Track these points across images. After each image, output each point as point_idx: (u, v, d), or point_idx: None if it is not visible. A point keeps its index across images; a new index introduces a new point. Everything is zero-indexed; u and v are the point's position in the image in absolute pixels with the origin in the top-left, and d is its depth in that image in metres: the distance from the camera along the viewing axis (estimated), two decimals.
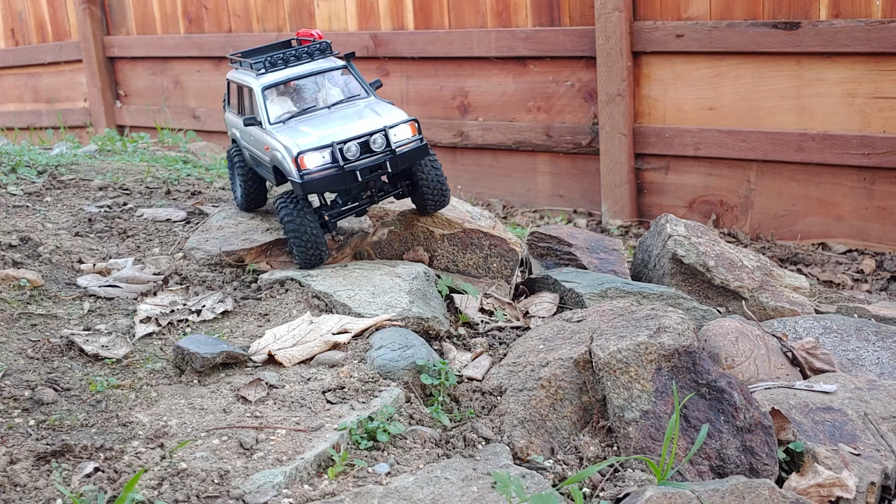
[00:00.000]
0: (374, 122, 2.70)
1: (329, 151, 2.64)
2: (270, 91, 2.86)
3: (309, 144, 2.65)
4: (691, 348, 2.24)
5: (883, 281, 4.20)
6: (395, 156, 2.69)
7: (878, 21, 4.18)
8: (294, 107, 2.86)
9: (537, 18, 5.22)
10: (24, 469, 1.89)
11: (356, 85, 2.94)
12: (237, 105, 3.13)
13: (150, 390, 2.29)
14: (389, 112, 2.75)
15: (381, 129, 2.68)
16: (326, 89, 2.92)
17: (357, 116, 2.76)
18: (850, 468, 2.13)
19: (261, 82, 2.86)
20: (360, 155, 2.66)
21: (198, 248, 3.06)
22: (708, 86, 4.74)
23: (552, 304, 2.91)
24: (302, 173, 2.63)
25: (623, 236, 4.87)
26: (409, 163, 2.75)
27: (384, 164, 2.69)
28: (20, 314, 2.57)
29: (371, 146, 2.67)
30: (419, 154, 2.76)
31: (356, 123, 2.70)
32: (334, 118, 2.79)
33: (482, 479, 1.97)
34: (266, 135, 2.79)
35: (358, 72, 2.96)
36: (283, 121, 2.80)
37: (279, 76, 2.89)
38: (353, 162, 2.65)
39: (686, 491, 1.87)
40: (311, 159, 2.63)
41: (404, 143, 2.72)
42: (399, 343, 2.43)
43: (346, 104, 2.88)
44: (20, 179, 3.87)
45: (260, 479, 1.90)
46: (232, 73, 3.19)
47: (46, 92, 7.87)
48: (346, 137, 2.66)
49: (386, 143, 2.68)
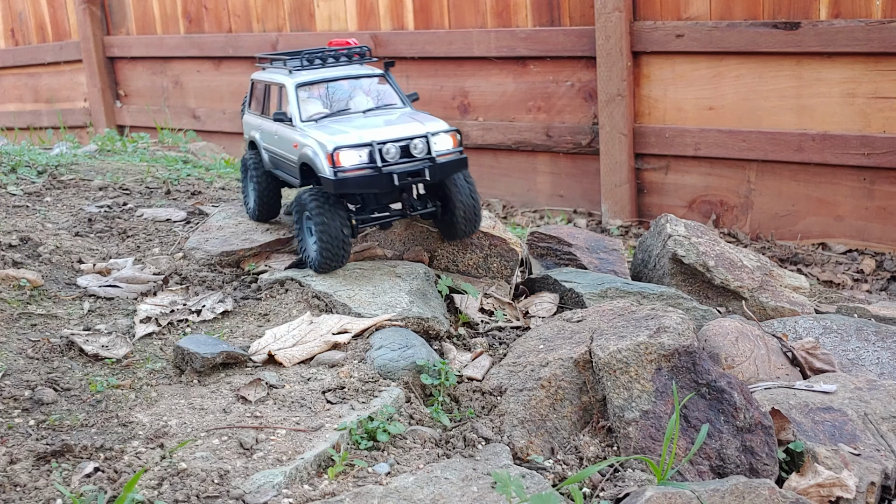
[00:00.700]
0: (416, 127, 2.61)
1: (367, 151, 2.54)
2: (304, 89, 2.79)
3: (346, 141, 2.55)
4: (691, 348, 2.24)
5: (883, 281, 4.20)
6: (434, 164, 2.58)
7: (878, 21, 4.18)
8: (326, 108, 2.79)
9: (537, 18, 5.22)
10: (24, 469, 1.89)
11: (392, 94, 2.87)
12: (260, 107, 3.07)
13: (150, 390, 2.29)
14: (431, 120, 2.67)
15: (424, 135, 2.58)
16: (361, 95, 2.85)
17: (398, 121, 2.68)
18: (850, 468, 2.13)
19: (295, 79, 2.80)
20: (399, 159, 2.56)
21: (198, 248, 3.06)
22: (708, 86, 4.74)
23: (552, 304, 2.91)
24: (336, 170, 2.53)
25: (623, 236, 4.87)
26: (447, 174, 2.65)
27: (423, 171, 2.58)
28: (20, 314, 2.57)
29: (411, 151, 2.57)
30: (458, 167, 2.66)
31: (397, 127, 2.62)
32: (372, 121, 2.71)
33: (482, 479, 1.97)
34: (296, 132, 2.72)
35: (395, 81, 2.89)
36: (315, 120, 2.74)
37: (314, 75, 2.83)
38: (391, 165, 2.55)
39: (686, 491, 1.87)
40: (348, 157, 2.53)
41: (444, 153, 2.61)
42: (399, 343, 2.43)
43: (382, 111, 2.81)
44: (20, 179, 3.87)
45: (260, 479, 1.90)
46: (258, 73, 3.13)
47: (46, 92, 7.87)
48: (386, 138, 2.55)
49: (427, 149, 2.58)
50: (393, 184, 2.55)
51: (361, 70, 2.88)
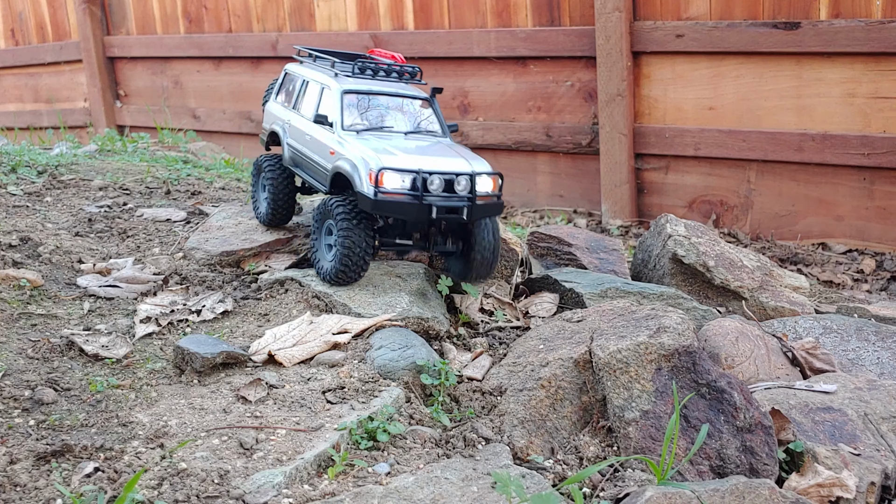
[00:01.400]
0: (462, 164, 2.55)
1: (411, 177, 2.47)
2: (349, 96, 2.72)
3: (393, 163, 2.48)
4: (691, 348, 2.24)
5: (883, 281, 4.20)
6: (473, 205, 2.52)
7: (878, 21, 4.18)
8: (366, 121, 2.72)
9: (537, 18, 5.22)
10: (24, 469, 1.89)
11: (434, 121, 2.81)
12: (291, 101, 2.98)
13: (150, 390, 2.29)
14: (475, 159, 2.60)
15: (469, 173, 2.52)
16: (404, 115, 2.78)
17: (442, 152, 2.61)
18: (850, 468, 2.13)
19: (342, 85, 2.73)
20: (441, 192, 2.50)
21: (198, 248, 3.06)
22: (708, 86, 4.74)
23: (552, 304, 2.91)
24: (377, 190, 2.46)
25: (623, 236, 4.87)
26: (482, 216, 2.60)
27: (461, 210, 2.51)
28: (20, 314, 2.57)
29: (455, 187, 2.50)
30: (494, 211, 2.60)
31: (443, 160, 2.55)
32: (417, 146, 2.65)
33: (482, 479, 1.97)
34: (336, 139, 2.65)
35: (439, 109, 2.84)
36: (357, 131, 2.67)
37: (363, 85, 2.75)
38: (433, 197, 2.49)
39: (686, 491, 1.87)
40: (391, 179, 2.46)
41: (484, 195, 2.55)
42: (399, 343, 2.43)
43: (423, 136, 2.75)
44: (20, 179, 3.87)
45: (260, 479, 1.90)
46: (294, 65, 3.05)
47: (46, 92, 7.87)
48: (433, 169, 2.49)
49: (470, 188, 2.52)
50: (430, 216, 2.49)
51: (409, 90, 2.82)
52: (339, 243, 2.57)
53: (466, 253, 2.72)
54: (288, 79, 3.06)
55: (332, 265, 2.62)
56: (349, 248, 2.56)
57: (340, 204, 2.58)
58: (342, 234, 2.56)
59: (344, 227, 2.55)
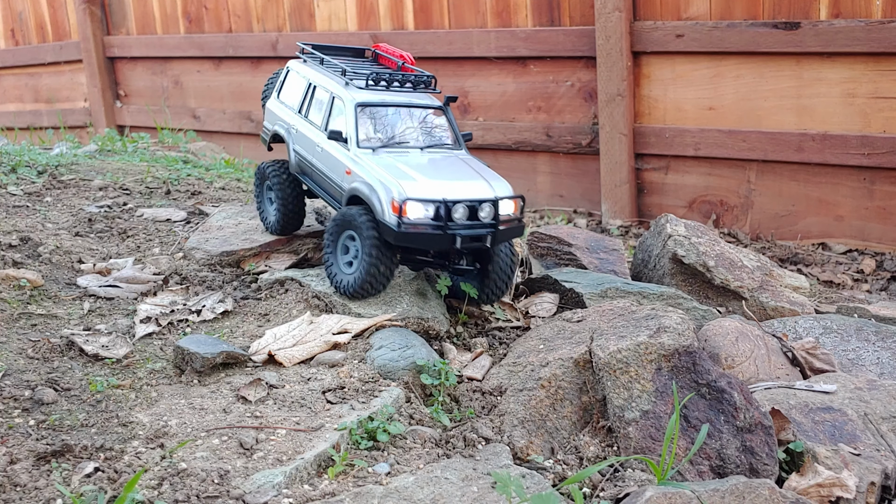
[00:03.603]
0: (486, 189, 2.46)
1: (434, 207, 2.38)
2: (363, 109, 2.60)
3: (416, 193, 2.38)
4: (691, 348, 2.24)
5: (883, 281, 4.20)
6: (496, 231, 2.44)
7: (878, 21, 4.18)
8: (380, 133, 2.61)
9: (537, 18, 5.22)
10: (24, 469, 1.89)
11: (449, 132, 2.71)
12: (298, 104, 2.85)
13: (150, 390, 2.29)
14: (497, 180, 2.52)
15: (494, 199, 2.44)
16: (418, 127, 2.68)
17: (465, 175, 2.51)
18: (850, 468, 2.13)
19: (356, 97, 2.60)
20: (465, 220, 2.41)
21: (198, 248, 3.06)
22: (708, 86, 4.74)
23: (552, 304, 2.91)
24: (401, 221, 2.36)
25: (623, 236, 4.86)
26: (504, 241, 2.53)
27: (485, 237, 2.44)
28: (20, 314, 2.57)
29: (478, 214, 2.42)
30: (515, 234, 2.53)
31: (467, 184, 2.45)
32: (439, 168, 2.54)
33: (482, 479, 1.97)
34: (351, 157, 2.54)
35: (453, 118, 2.74)
36: (373, 148, 2.57)
37: (378, 97, 2.63)
38: (457, 227, 2.40)
39: (686, 491, 1.87)
40: (415, 210, 2.37)
41: (506, 219, 2.48)
42: (399, 343, 2.43)
43: (440, 151, 2.65)
44: (20, 179, 3.87)
45: (260, 479, 1.90)
46: (298, 64, 2.91)
47: (46, 92, 7.87)
48: (457, 198, 2.40)
49: (494, 215, 2.44)
50: (454, 245, 2.41)
51: (423, 99, 2.71)
52: (363, 261, 2.48)
53: (483, 271, 2.66)
54: (292, 78, 2.94)
55: (355, 279, 2.52)
56: (374, 266, 2.48)
57: (369, 223, 2.46)
58: (368, 251, 2.47)
59: (373, 247, 2.46)
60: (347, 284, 2.55)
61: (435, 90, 2.78)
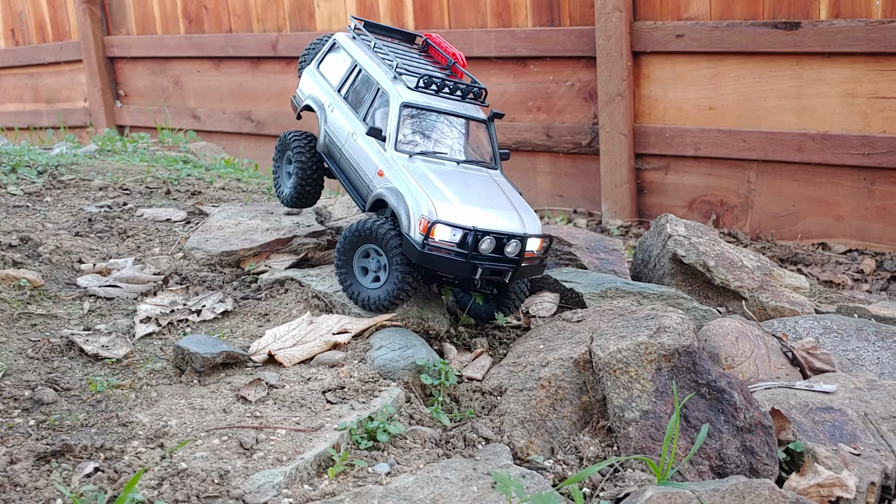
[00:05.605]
0: (516, 223, 2.39)
1: (462, 234, 2.31)
2: (408, 110, 2.52)
3: (448, 217, 2.31)
4: (691, 348, 2.24)
5: (883, 281, 4.20)
6: (518, 268, 2.39)
7: (878, 21, 4.18)
8: (420, 139, 2.54)
9: (537, 18, 5.22)
10: (24, 469, 1.89)
11: (488, 148, 2.64)
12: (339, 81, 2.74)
13: (150, 390, 2.29)
14: (528, 214, 2.45)
15: (522, 235, 2.37)
16: (460, 139, 2.60)
17: (499, 204, 2.43)
18: (850, 468, 2.13)
19: (404, 97, 2.51)
20: (490, 252, 2.35)
21: (198, 248, 3.06)
22: (708, 86, 4.74)
23: (552, 304, 2.91)
24: (426, 241, 2.29)
25: (623, 236, 4.87)
26: (523, 278, 2.48)
27: (505, 272, 2.39)
28: (20, 314, 2.57)
29: (504, 248, 2.36)
30: (534, 273, 2.47)
31: (499, 215, 2.39)
32: (474, 191, 2.45)
33: (482, 479, 1.97)
34: (386, 158, 2.47)
35: (495, 135, 2.67)
36: (409, 154, 2.49)
37: (426, 100, 2.54)
38: (481, 258, 2.33)
39: (686, 491, 1.87)
40: (443, 233, 2.30)
41: (530, 257, 2.42)
42: (399, 343, 2.43)
43: (477, 169, 2.57)
44: (20, 179, 3.87)
45: (260, 479, 1.90)
46: (346, 38, 2.77)
47: (46, 92, 7.87)
48: (487, 228, 2.33)
49: (519, 251, 2.37)
50: (472, 274, 2.34)
51: (469, 111, 2.62)
52: (399, 273, 2.42)
53: (498, 295, 2.64)
54: (336, 52, 2.79)
55: (387, 291, 2.45)
56: (406, 279, 2.41)
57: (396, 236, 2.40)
58: (398, 268, 2.41)
59: (401, 263, 2.41)
60: (378, 299, 2.48)
61: (483, 103, 2.68)
